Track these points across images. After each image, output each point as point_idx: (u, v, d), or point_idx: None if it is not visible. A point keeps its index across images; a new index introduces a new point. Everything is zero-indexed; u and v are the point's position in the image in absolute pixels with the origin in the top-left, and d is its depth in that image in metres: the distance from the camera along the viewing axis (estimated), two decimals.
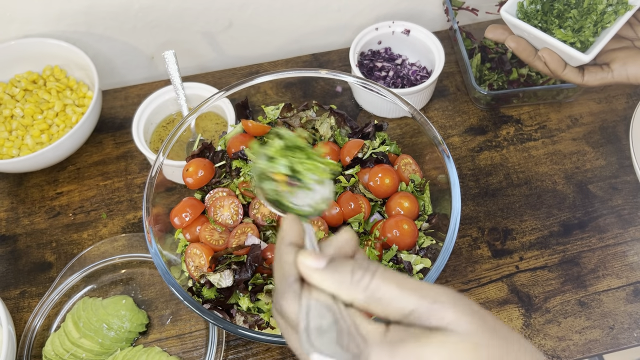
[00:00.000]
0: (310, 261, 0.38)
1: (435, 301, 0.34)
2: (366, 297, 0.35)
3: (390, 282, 0.35)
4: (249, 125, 0.75)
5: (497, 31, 0.74)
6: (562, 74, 0.71)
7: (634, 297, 0.77)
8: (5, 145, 0.88)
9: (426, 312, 0.34)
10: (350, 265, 0.37)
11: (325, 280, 0.37)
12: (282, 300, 0.37)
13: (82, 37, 0.97)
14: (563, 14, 0.70)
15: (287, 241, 0.40)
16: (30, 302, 0.80)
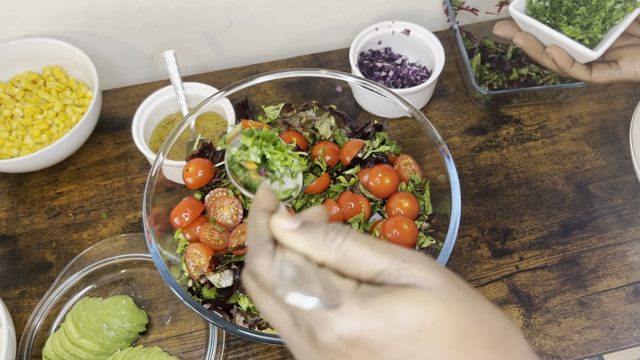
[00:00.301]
0: (284, 222, 0.38)
1: (404, 260, 0.34)
2: (338, 256, 0.35)
3: (362, 243, 0.35)
4: (249, 125, 0.75)
5: (505, 27, 0.74)
6: (570, 70, 0.71)
7: (634, 297, 0.77)
8: (5, 145, 0.88)
9: (396, 271, 0.34)
10: (323, 226, 0.37)
11: (298, 240, 0.37)
12: (255, 259, 0.37)
13: (82, 37, 0.97)
14: (572, 11, 0.70)
15: (261, 207, 0.40)
16: (30, 302, 0.80)
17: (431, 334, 0.31)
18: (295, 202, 0.71)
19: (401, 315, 0.32)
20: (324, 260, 0.36)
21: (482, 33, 1.04)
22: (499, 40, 1.01)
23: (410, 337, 0.31)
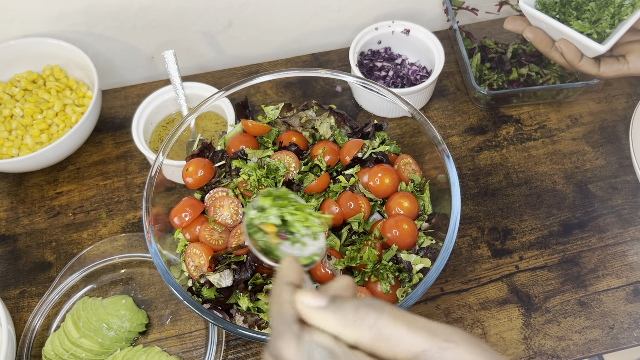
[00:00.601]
0: (311, 299, 0.35)
1: (447, 340, 0.32)
2: (373, 336, 0.33)
3: (398, 320, 0.33)
4: (249, 125, 0.75)
5: (516, 23, 0.75)
6: (578, 65, 0.71)
7: (634, 297, 0.77)
8: (5, 145, 0.88)
9: (438, 352, 0.32)
10: (354, 303, 0.34)
11: (327, 320, 0.34)
12: (280, 342, 0.34)
13: (82, 37, 0.97)
14: (581, 7, 0.71)
15: (286, 281, 0.38)
16: (30, 302, 0.80)
17: None
18: None
19: None
20: (356, 341, 0.33)
21: (482, 33, 1.04)
22: (499, 40, 1.01)
23: None
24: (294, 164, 0.72)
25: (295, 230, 0.46)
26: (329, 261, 0.65)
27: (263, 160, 0.73)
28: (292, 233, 0.47)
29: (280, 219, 0.46)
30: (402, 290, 0.66)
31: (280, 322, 0.35)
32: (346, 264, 0.65)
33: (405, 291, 0.66)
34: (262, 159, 0.73)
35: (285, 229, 0.47)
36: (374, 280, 0.65)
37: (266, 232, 0.46)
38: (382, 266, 0.66)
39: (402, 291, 0.66)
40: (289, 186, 0.71)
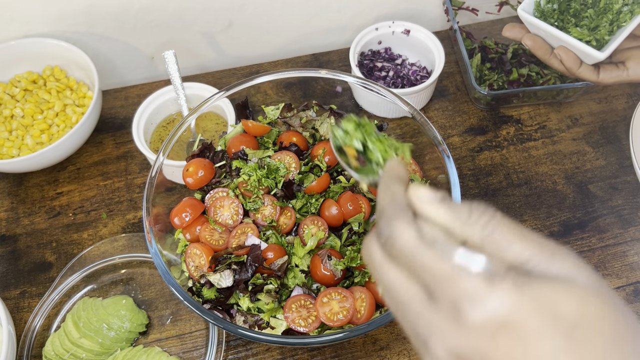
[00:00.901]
0: (426, 192, 0.35)
1: (555, 253, 0.32)
2: (483, 235, 0.32)
3: (510, 226, 0.33)
4: (249, 125, 0.75)
5: (514, 30, 0.75)
6: (577, 71, 0.71)
7: (634, 297, 0.77)
8: (6, 145, 0.88)
9: (545, 261, 0.31)
10: (468, 205, 0.34)
11: (439, 213, 0.34)
12: (394, 222, 0.33)
13: (82, 37, 0.97)
14: (579, 13, 0.71)
15: (395, 175, 0.38)
16: (31, 302, 0.80)
17: (587, 334, 0.29)
18: (295, 202, 0.71)
19: (560, 305, 0.29)
20: (465, 238, 0.33)
21: (482, 33, 1.04)
22: (499, 40, 1.01)
23: (565, 331, 0.29)
24: (294, 164, 0.72)
25: (374, 159, 0.47)
26: (329, 261, 0.65)
27: (263, 160, 0.73)
28: (370, 160, 0.47)
29: (362, 145, 0.47)
30: None
31: (394, 207, 0.35)
32: (346, 264, 0.65)
33: None
34: (262, 159, 0.73)
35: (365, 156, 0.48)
36: (374, 280, 0.65)
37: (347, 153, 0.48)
38: None
39: None
40: (289, 186, 0.71)
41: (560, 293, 0.29)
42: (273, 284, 0.65)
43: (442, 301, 0.31)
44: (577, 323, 0.29)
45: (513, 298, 0.29)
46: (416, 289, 0.33)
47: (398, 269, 0.34)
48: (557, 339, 0.28)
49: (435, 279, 0.31)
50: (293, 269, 0.67)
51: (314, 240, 0.67)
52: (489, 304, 0.29)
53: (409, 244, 0.33)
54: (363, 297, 0.64)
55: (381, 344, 0.75)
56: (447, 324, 0.31)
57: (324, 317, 0.62)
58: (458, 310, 0.30)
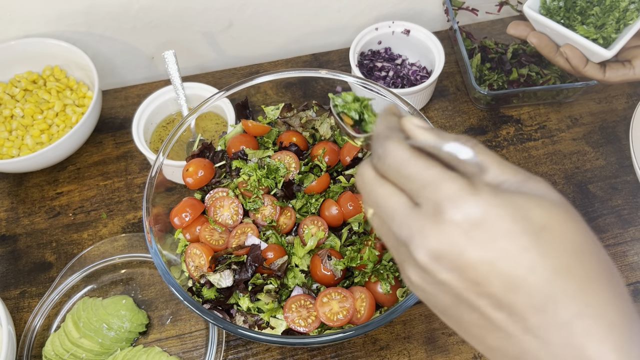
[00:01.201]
0: (418, 120, 0.38)
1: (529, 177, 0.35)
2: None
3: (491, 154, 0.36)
4: (249, 125, 0.75)
5: (519, 27, 0.74)
6: (583, 70, 0.71)
7: (634, 297, 0.77)
8: (5, 145, 0.88)
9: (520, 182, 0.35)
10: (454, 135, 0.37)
11: (429, 137, 0.37)
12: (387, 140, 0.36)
13: (82, 37, 0.97)
14: (586, 11, 0.71)
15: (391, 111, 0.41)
16: (30, 302, 0.80)
17: (552, 236, 0.32)
18: (295, 202, 0.71)
19: (530, 211, 0.32)
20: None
21: (482, 33, 1.04)
22: (499, 40, 1.01)
23: (533, 232, 0.32)
24: (294, 164, 0.72)
25: (369, 130, 0.49)
26: (329, 261, 0.65)
27: (263, 160, 0.73)
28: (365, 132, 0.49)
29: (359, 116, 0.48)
30: (402, 290, 0.66)
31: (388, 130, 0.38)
32: (346, 264, 0.65)
33: (405, 291, 0.66)
34: (262, 159, 0.73)
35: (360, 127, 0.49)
36: (374, 280, 0.65)
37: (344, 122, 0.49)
38: (382, 266, 0.66)
39: (402, 291, 0.66)
40: (289, 186, 0.71)
41: (532, 202, 0.33)
42: (273, 284, 0.65)
43: (425, 205, 0.34)
44: (545, 226, 0.32)
45: (490, 201, 0.32)
46: (402, 198, 0.35)
47: (387, 184, 0.37)
48: (525, 237, 0.32)
49: (420, 185, 0.34)
50: (293, 269, 0.67)
51: (314, 240, 0.67)
52: (468, 205, 0.32)
53: (399, 157, 0.35)
54: (363, 297, 0.64)
55: (381, 344, 0.75)
56: (428, 224, 0.33)
57: (323, 317, 0.62)
58: (439, 212, 0.33)
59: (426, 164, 0.34)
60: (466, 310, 0.34)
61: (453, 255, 0.32)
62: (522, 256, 0.31)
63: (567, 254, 0.32)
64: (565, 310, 0.31)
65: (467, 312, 0.34)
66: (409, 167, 0.35)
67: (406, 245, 0.34)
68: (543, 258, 0.31)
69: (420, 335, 0.75)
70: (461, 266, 0.32)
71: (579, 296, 0.31)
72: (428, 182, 0.34)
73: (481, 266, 0.32)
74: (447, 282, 0.33)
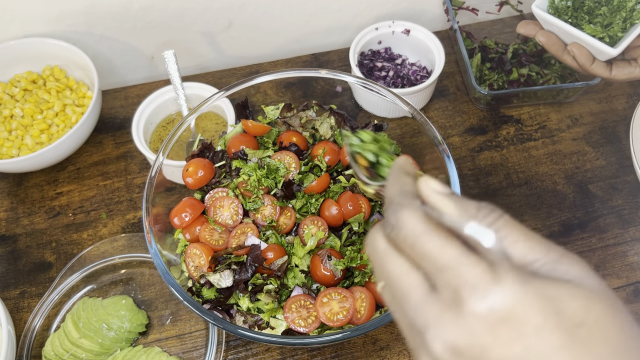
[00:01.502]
0: (436, 183, 0.35)
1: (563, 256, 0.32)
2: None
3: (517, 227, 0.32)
4: (249, 125, 0.75)
5: (528, 26, 0.75)
6: (590, 68, 0.72)
7: (634, 297, 0.77)
8: (5, 145, 0.88)
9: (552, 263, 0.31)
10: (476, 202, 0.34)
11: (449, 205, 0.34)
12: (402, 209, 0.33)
13: (82, 37, 0.97)
14: (593, 11, 0.71)
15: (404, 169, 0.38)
16: (30, 302, 0.80)
17: (590, 335, 0.28)
18: (295, 202, 0.71)
19: (564, 303, 0.29)
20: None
21: (482, 33, 1.04)
22: (499, 40, 1.01)
23: (567, 329, 0.28)
24: (294, 164, 0.72)
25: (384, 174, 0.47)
26: (329, 261, 0.65)
27: (263, 160, 0.73)
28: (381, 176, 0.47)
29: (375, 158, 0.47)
30: None
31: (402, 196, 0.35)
32: (346, 264, 0.65)
33: None
34: (262, 159, 0.73)
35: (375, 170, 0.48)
36: (374, 281, 0.65)
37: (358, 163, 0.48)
38: None
39: None
40: (289, 186, 0.71)
41: (566, 292, 0.29)
42: (273, 284, 0.65)
43: (443, 291, 0.30)
44: (582, 323, 0.28)
45: (517, 291, 0.29)
46: (418, 279, 0.32)
47: (401, 259, 0.33)
48: (559, 336, 0.28)
49: (437, 267, 0.31)
50: (293, 269, 0.67)
51: (314, 240, 0.67)
52: (492, 296, 0.29)
53: (415, 230, 0.32)
54: (363, 297, 0.63)
55: (381, 344, 0.75)
56: (446, 314, 0.30)
57: (323, 317, 0.61)
58: (459, 300, 0.29)
59: (444, 242, 0.31)
60: None
61: (474, 352, 0.29)
62: (554, 358, 0.28)
63: (606, 355, 0.28)
64: None
65: None
66: (425, 243, 0.31)
67: (421, 333, 0.31)
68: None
69: None
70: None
71: None
72: (446, 264, 0.30)
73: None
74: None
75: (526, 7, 1.02)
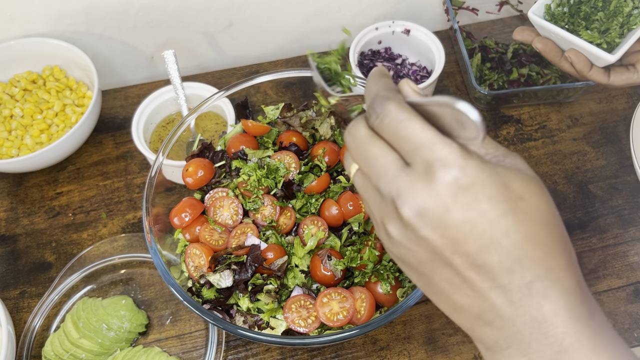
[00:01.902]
0: (415, 86, 0.40)
1: (508, 153, 0.38)
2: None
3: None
4: (249, 125, 0.75)
5: (524, 33, 0.75)
6: (588, 74, 0.72)
7: (634, 297, 0.77)
8: (5, 145, 0.88)
9: (500, 156, 0.38)
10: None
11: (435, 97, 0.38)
12: (390, 101, 0.37)
13: (81, 37, 0.97)
14: (590, 17, 0.71)
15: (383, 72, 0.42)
16: (30, 302, 0.80)
17: (527, 206, 0.35)
18: (295, 202, 0.71)
19: (511, 182, 0.35)
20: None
21: (482, 33, 1.04)
22: (500, 40, 1.01)
23: (512, 200, 0.34)
24: (294, 164, 0.72)
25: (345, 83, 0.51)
26: (329, 261, 0.65)
27: (263, 160, 0.73)
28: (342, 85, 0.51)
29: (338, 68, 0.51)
30: (402, 290, 0.66)
31: (388, 90, 0.39)
32: (346, 264, 0.65)
33: (405, 291, 0.66)
34: (262, 159, 0.73)
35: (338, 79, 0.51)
36: (374, 281, 0.65)
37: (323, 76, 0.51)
38: (382, 266, 0.66)
39: (402, 291, 0.66)
40: (289, 186, 0.71)
41: (513, 173, 0.36)
42: (273, 284, 0.65)
43: (418, 165, 0.35)
44: (522, 197, 0.35)
45: (478, 168, 0.35)
46: (395, 157, 0.37)
47: (381, 142, 0.38)
48: (504, 204, 0.34)
49: (415, 145, 0.36)
50: (293, 269, 0.67)
51: (313, 240, 0.66)
52: (459, 168, 0.34)
53: (399, 117, 0.37)
54: (363, 297, 0.63)
55: (381, 344, 0.75)
56: (418, 183, 0.35)
57: (323, 317, 0.61)
58: (431, 172, 0.35)
59: (423, 126, 0.36)
60: (439, 267, 0.36)
61: (438, 213, 0.34)
62: (500, 221, 0.34)
63: (537, 224, 0.35)
64: (529, 273, 0.35)
65: (440, 269, 0.37)
66: (407, 127, 0.36)
67: (393, 201, 0.36)
68: (517, 225, 0.34)
69: (421, 336, 0.75)
70: (444, 224, 0.34)
71: (542, 261, 0.35)
72: (423, 143, 0.35)
73: (462, 226, 0.34)
74: (427, 237, 0.35)
75: (526, 6, 1.02)
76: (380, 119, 0.38)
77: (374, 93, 0.40)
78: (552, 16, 0.73)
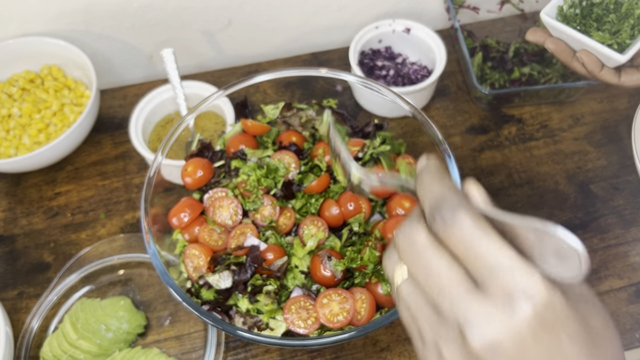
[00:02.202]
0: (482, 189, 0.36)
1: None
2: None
3: None
4: (248, 124, 0.75)
5: (537, 34, 0.76)
6: (599, 74, 0.72)
7: (635, 297, 0.77)
8: (3, 145, 0.88)
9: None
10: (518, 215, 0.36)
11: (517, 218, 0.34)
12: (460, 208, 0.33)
13: (80, 36, 0.97)
14: (601, 18, 0.72)
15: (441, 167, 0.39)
16: (28, 303, 0.79)
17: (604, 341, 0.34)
18: (294, 202, 0.71)
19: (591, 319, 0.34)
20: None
21: (483, 32, 1.03)
22: (501, 39, 1.00)
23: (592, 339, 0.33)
24: (294, 163, 0.72)
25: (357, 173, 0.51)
26: (329, 262, 0.64)
27: (262, 160, 0.72)
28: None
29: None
30: None
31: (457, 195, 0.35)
32: (346, 264, 0.64)
33: None
34: (261, 158, 0.73)
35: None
36: (375, 281, 0.65)
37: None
38: (382, 267, 0.66)
39: None
40: (289, 186, 0.70)
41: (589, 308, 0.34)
42: (272, 285, 0.64)
43: (494, 290, 0.32)
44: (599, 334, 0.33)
45: (563, 304, 0.31)
46: (463, 274, 0.33)
47: (445, 254, 0.34)
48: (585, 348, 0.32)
49: (491, 267, 0.32)
50: (293, 270, 0.67)
51: (313, 240, 0.66)
52: (544, 305, 0.31)
53: (472, 231, 0.32)
54: (363, 298, 0.63)
55: (382, 345, 0.75)
56: (495, 312, 0.31)
57: (323, 318, 0.61)
58: (510, 302, 0.31)
59: (503, 247, 0.32)
60: None
61: (514, 350, 0.31)
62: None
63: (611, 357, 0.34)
64: None
65: None
66: (482, 246, 0.32)
67: (459, 326, 0.32)
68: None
69: None
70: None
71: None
72: (501, 267, 0.31)
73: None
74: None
75: (527, 5, 1.02)
76: (448, 227, 0.33)
77: (437, 194, 0.35)
78: (565, 17, 0.74)
